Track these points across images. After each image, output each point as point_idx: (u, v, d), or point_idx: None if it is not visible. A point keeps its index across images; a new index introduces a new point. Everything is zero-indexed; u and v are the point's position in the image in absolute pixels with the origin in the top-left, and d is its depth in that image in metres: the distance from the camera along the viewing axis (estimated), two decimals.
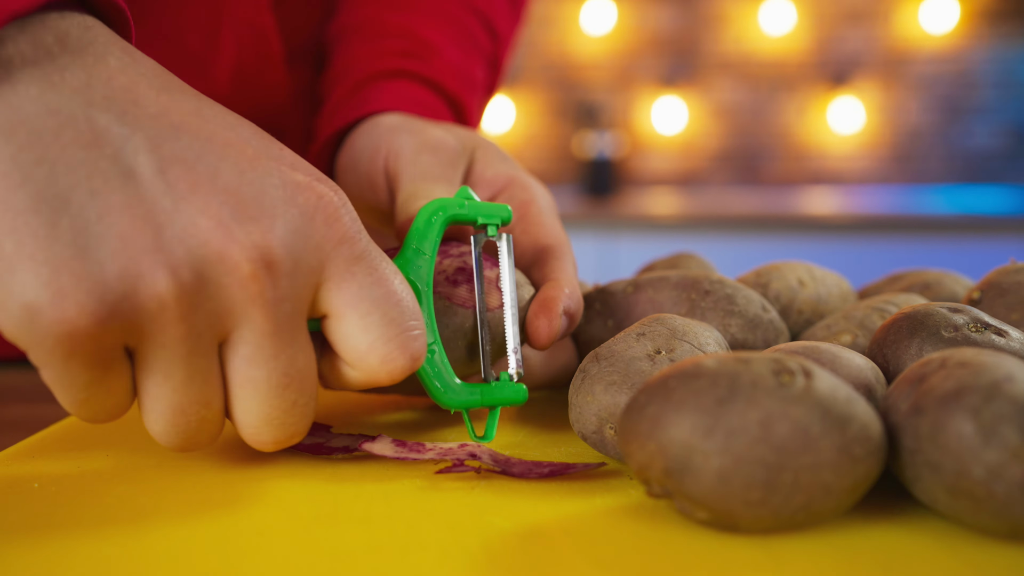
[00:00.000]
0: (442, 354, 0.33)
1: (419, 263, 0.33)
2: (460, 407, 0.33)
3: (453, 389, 0.33)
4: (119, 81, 0.27)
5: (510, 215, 0.36)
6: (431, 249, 0.34)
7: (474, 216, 0.35)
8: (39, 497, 0.29)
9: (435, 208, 0.34)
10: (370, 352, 0.29)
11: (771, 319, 0.38)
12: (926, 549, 0.25)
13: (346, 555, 0.25)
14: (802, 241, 1.98)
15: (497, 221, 0.35)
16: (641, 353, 0.32)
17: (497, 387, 0.34)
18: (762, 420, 0.25)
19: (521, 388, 0.34)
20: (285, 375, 0.28)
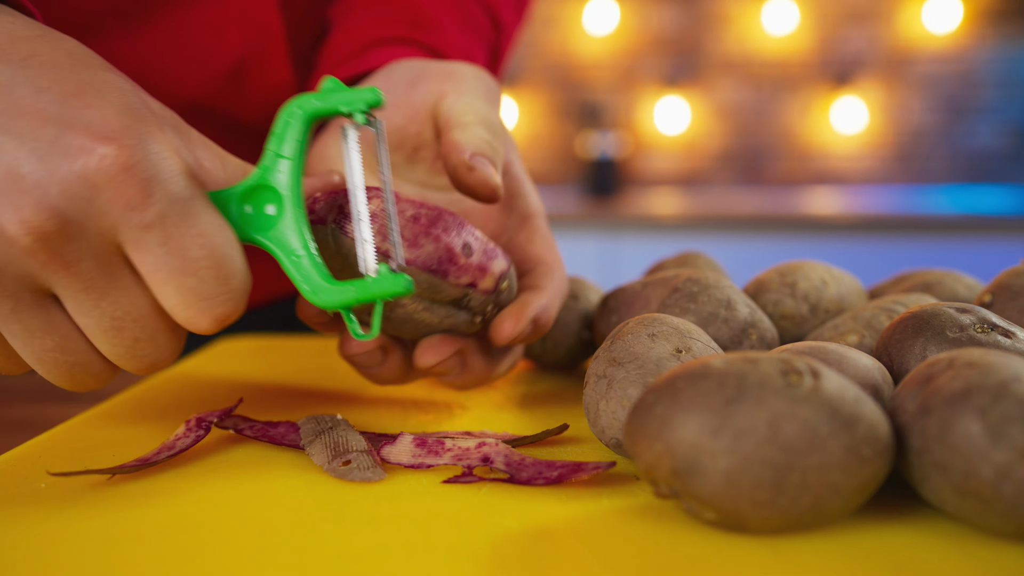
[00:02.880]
0: (310, 257, 0.32)
1: (279, 168, 0.32)
2: (337, 307, 0.32)
3: (325, 289, 0.32)
4: None
5: (377, 98, 0.33)
6: (294, 152, 0.32)
7: (334, 106, 0.33)
8: (45, 497, 0.29)
9: (292, 106, 0.33)
10: (174, 311, 0.30)
11: (728, 317, 0.38)
12: (934, 550, 0.25)
13: (353, 556, 0.25)
14: (805, 241, 1.98)
15: (362, 107, 0.32)
16: (665, 353, 0.32)
17: (375, 281, 0.31)
18: (770, 420, 0.24)
19: (401, 278, 0.31)
20: (113, 319, 0.30)
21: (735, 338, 0.38)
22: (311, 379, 0.47)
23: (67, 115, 0.28)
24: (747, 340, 0.38)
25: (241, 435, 0.35)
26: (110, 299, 0.29)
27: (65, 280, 0.29)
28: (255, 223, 0.32)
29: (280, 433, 0.35)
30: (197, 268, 0.29)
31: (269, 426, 0.35)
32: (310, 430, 0.34)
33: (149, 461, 0.32)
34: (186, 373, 0.48)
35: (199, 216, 0.30)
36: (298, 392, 0.44)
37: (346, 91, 0.33)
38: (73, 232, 0.28)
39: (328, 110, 0.33)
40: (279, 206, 0.32)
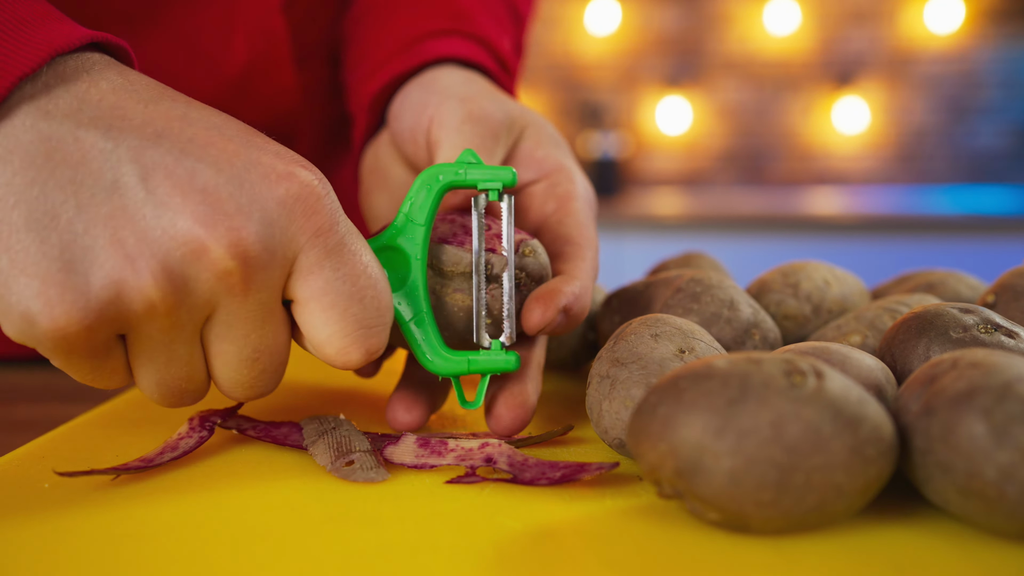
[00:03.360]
0: (430, 321, 0.33)
1: (411, 233, 0.34)
2: (447, 374, 0.33)
3: (440, 356, 0.33)
4: (108, 100, 0.29)
5: (513, 178, 0.34)
6: (425, 219, 0.34)
7: (473, 182, 0.34)
8: (49, 497, 0.30)
9: (430, 175, 0.34)
10: (328, 343, 0.31)
11: (731, 317, 0.38)
12: (938, 550, 0.25)
13: (356, 556, 0.25)
14: (806, 241, 1.98)
15: (498, 185, 0.34)
16: (668, 353, 0.32)
17: (486, 355, 0.34)
18: (773, 421, 0.24)
19: (512, 356, 0.34)
20: (255, 350, 0.30)
21: (738, 338, 0.38)
22: (313, 379, 0.47)
23: (254, 145, 0.30)
24: (750, 340, 0.38)
25: (244, 435, 0.35)
26: (263, 331, 0.30)
27: (235, 307, 0.29)
28: None
29: (283, 433, 0.35)
30: (364, 295, 0.31)
31: (272, 426, 0.35)
32: (313, 430, 0.34)
33: (153, 462, 0.32)
34: None
35: (365, 249, 0.31)
36: (301, 392, 0.44)
37: (484, 168, 0.34)
38: (264, 261, 0.29)
39: (465, 184, 0.34)
40: (408, 269, 0.34)
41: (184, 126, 0.29)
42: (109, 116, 0.28)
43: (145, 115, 0.29)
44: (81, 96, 0.28)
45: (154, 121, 0.29)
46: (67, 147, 0.27)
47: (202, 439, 0.34)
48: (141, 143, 0.28)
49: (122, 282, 0.27)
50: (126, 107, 0.29)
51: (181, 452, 0.33)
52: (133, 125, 0.28)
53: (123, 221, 0.27)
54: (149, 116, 0.29)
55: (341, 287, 0.30)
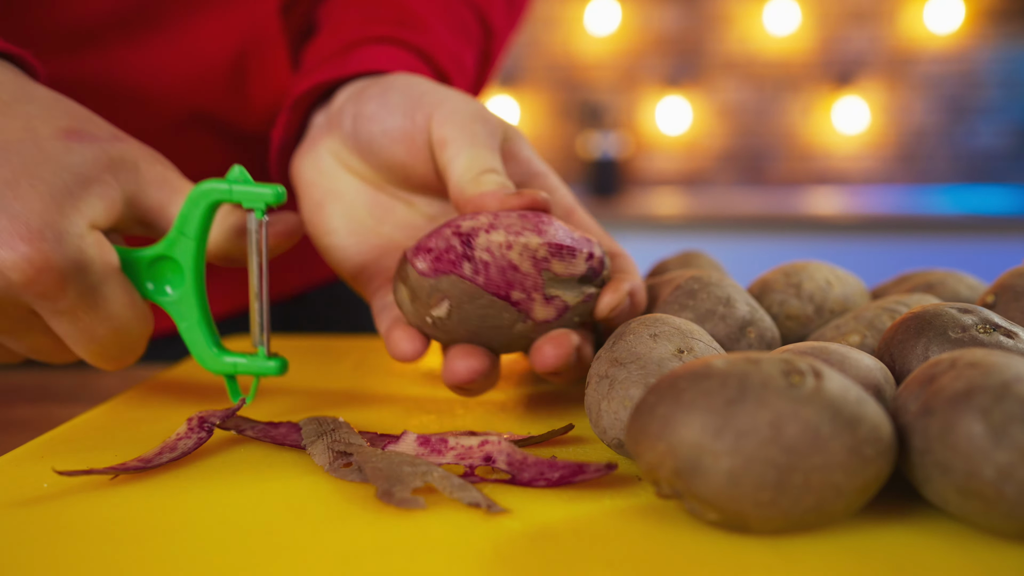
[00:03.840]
0: (200, 328, 0.38)
1: (184, 246, 0.37)
2: (220, 373, 0.38)
3: (212, 359, 0.38)
4: None
5: (277, 197, 0.37)
6: (195, 232, 0.37)
7: (238, 199, 0.37)
8: (47, 497, 0.30)
9: (199, 192, 0.37)
10: (85, 356, 0.37)
11: (725, 314, 0.38)
12: (937, 550, 0.25)
13: (355, 555, 0.25)
14: (806, 241, 1.98)
15: (261, 205, 0.37)
16: (667, 353, 0.32)
17: (253, 359, 0.38)
18: (772, 421, 0.24)
19: (272, 360, 0.38)
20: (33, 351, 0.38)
21: (732, 335, 0.37)
22: (312, 379, 0.47)
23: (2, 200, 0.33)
24: (745, 338, 0.38)
25: (243, 435, 0.35)
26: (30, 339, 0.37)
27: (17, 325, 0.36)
28: (157, 291, 0.38)
29: (282, 433, 0.35)
30: (102, 341, 0.36)
31: (271, 426, 0.35)
32: (312, 431, 0.34)
33: (151, 463, 0.32)
34: (188, 373, 0.48)
35: (107, 302, 0.35)
36: (299, 393, 0.44)
37: (251, 186, 0.37)
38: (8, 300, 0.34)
39: (233, 200, 0.37)
40: (180, 279, 0.38)
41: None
42: None
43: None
44: None
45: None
46: None
47: (200, 440, 0.34)
48: None
49: None
50: None
51: (180, 453, 0.33)
52: None
53: None
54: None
55: (78, 336, 0.35)
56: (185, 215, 0.37)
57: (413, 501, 0.28)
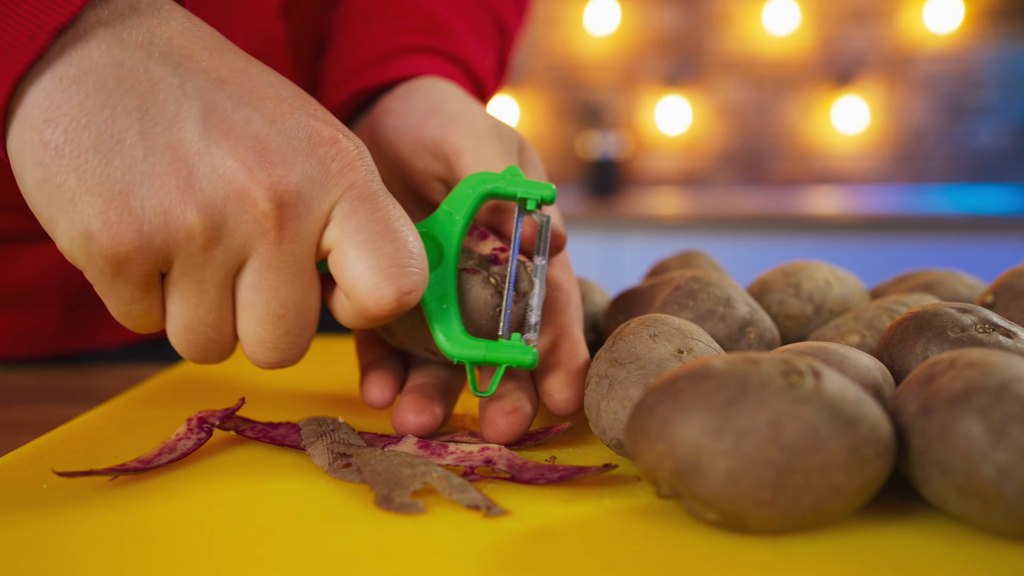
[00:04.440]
0: (454, 308, 0.34)
1: (448, 224, 0.35)
2: (462, 359, 0.34)
3: (456, 340, 0.34)
4: (177, 40, 0.30)
5: (553, 195, 0.36)
6: (464, 215, 0.35)
7: (514, 191, 0.36)
8: (47, 498, 0.30)
9: (477, 179, 0.36)
10: (360, 280, 0.31)
11: (724, 315, 0.38)
12: (936, 550, 0.25)
13: (355, 556, 0.25)
14: (806, 241, 1.98)
15: (538, 198, 0.36)
16: (667, 354, 0.32)
17: (504, 345, 0.34)
18: (771, 421, 0.24)
19: (529, 350, 0.34)
20: (282, 305, 0.31)
21: (732, 335, 0.37)
22: (312, 380, 0.47)
23: (304, 109, 0.31)
24: (744, 339, 0.38)
25: (242, 436, 0.35)
26: (292, 286, 0.31)
27: (267, 253, 0.30)
28: None
29: (281, 434, 0.35)
30: (395, 236, 0.31)
31: (270, 427, 0.35)
32: (311, 431, 0.34)
33: (151, 463, 0.32)
34: (187, 373, 0.48)
35: (400, 208, 0.33)
36: (299, 393, 0.44)
37: (525, 182, 0.36)
38: (301, 211, 0.30)
39: (506, 194, 0.36)
40: (440, 256, 0.35)
41: (245, 78, 0.31)
42: (178, 55, 0.30)
43: (210, 61, 0.30)
44: (153, 30, 0.30)
45: (218, 68, 0.30)
46: (138, 75, 0.29)
47: (200, 441, 0.34)
48: (206, 84, 0.30)
49: (169, 211, 0.28)
50: (193, 50, 0.30)
51: (179, 454, 0.33)
52: (200, 67, 0.30)
53: (180, 153, 0.29)
54: (214, 63, 0.30)
55: (374, 227, 0.31)
56: (455, 197, 0.36)
57: (412, 506, 0.28)
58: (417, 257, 0.32)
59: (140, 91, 0.29)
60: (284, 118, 0.30)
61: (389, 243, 0.31)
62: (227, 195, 0.29)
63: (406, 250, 0.32)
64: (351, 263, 0.31)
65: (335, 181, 0.31)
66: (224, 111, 0.29)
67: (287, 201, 0.30)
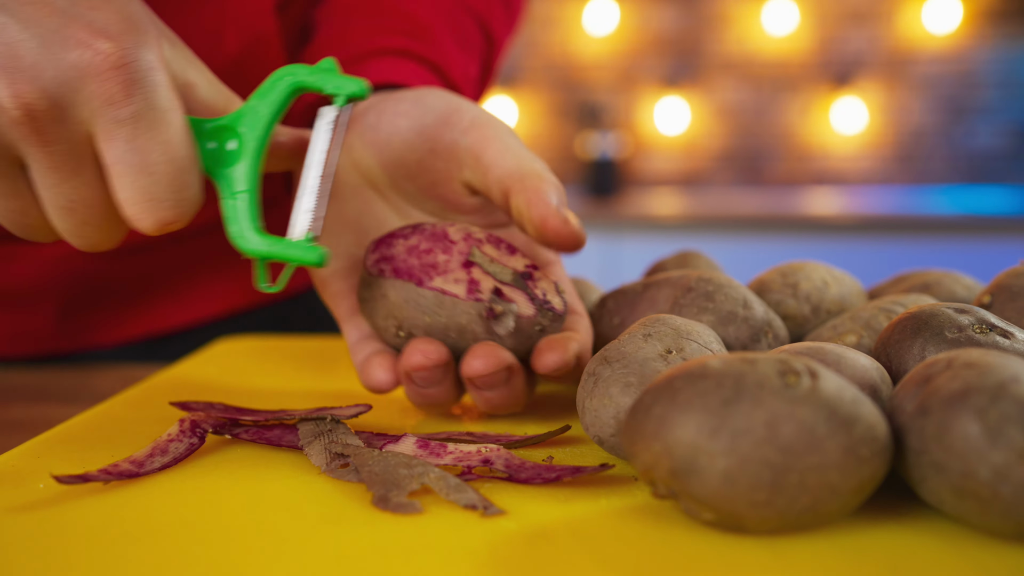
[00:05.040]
0: (251, 203, 0.34)
1: (252, 117, 0.35)
2: (252, 253, 0.34)
3: (251, 234, 0.34)
4: None
5: (364, 90, 0.35)
6: (270, 109, 0.35)
7: (322, 85, 0.35)
8: (44, 498, 0.29)
9: (284, 71, 0.35)
10: (123, 206, 0.33)
11: (747, 316, 0.38)
12: (932, 550, 0.25)
13: (352, 556, 0.25)
14: (805, 241, 1.98)
15: (346, 92, 0.35)
16: (653, 353, 0.32)
17: (294, 244, 0.34)
18: (768, 421, 0.24)
19: (318, 250, 0.34)
20: (69, 200, 0.32)
21: (755, 337, 0.37)
22: (309, 380, 0.47)
23: (73, 11, 0.31)
24: (764, 339, 0.38)
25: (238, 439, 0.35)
26: (71, 183, 0.32)
27: (38, 156, 0.31)
28: (214, 157, 0.35)
29: (276, 435, 0.35)
30: (154, 170, 0.32)
31: (265, 429, 0.35)
32: (309, 431, 0.34)
33: (144, 467, 0.32)
34: (184, 374, 0.48)
35: (169, 127, 0.32)
36: (298, 393, 0.44)
37: (337, 77, 0.35)
38: (57, 115, 0.30)
39: (315, 87, 0.35)
40: (240, 148, 0.35)
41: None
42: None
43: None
44: None
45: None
46: None
47: (192, 446, 0.34)
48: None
49: None
50: None
51: (171, 458, 0.33)
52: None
53: None
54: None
55: (131, 158, 0.32)
56: (263, 91, 0.35)
57: (409, 506, 0.28)
58: (179, 189, 0.33)
59: None
60: (42, 22, 0.30)
61: (146, 176, 0.32)
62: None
63: (165, 184, 0.32)
64: (116, 187, 0.32)
65: (89, 91, 0.31)
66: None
67: (35, 107, 0.30)
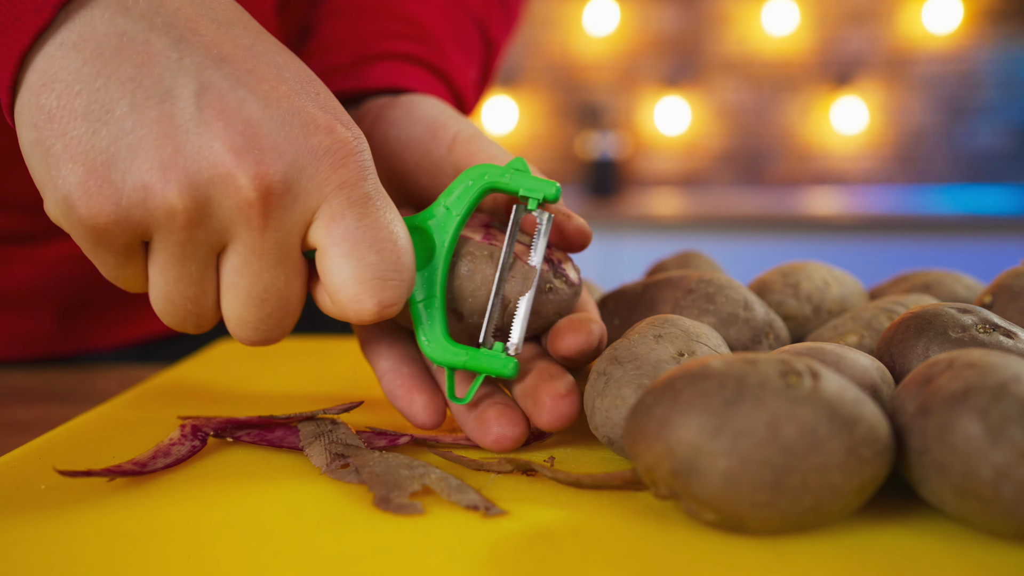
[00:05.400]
0: (440, 309, 0.34)
1: (445, 221, 0.34)
2: (442, 363, 0.33)
3: (439, 344, 0.33)
4: (185, 11, 0.30)
5: (556, 194, 0.34)
6: (461, 210, 0.34)
7: (516, 187, 0.34)
8: (46, 499, 0.30)
9: (477, 171, 0.34)
10: (343, 288, 0.31)
11: (748, 318, 0.38)
12: (934, 550, 0.25)
13: (353, 557, 0.25)
14: (805, 241, 1.98)
15: (540, 196, 0.34)
16: (666, 356, 0.32)
17: (485, 354, 0.33)
18: (769, 421, 0.24)
19: (510, 361, 0.33)
20: (265, 290, 0.31)
21: (756, 338, 0.37)
22: (310, 380, 0.47)
23: (305, 93, 0.31)
24: (766, 340, 0.38)
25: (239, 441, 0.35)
26: (276, 272, 0.31)
27: (250, 240, 0.30)
28: None
29: (278, 437, 0.35)
30: (382, 247, 0.31)
31: (266, 431, 0.35)
32: (310, 432, 0.34)
33: (146, 467, 0.32)
34: (185, 375, 0.48)
35: (391, 209, 0.32)
36: (298, 393, 0.44)
37: (531, 178, 0.34)
38: (287, 201, 0.30)
39: (508, 189, 0.34)
40: (433, 250, 0.34)
41: (248, 56, 0.30)
42: (182, 27, 0.29)
43: (215, 35, 0.30)
44: (159, 0, 0.29)
45: (221, 44, 0.30)
46: (136, 46, 0.28)
47: (194, 448, 0.34)
48: (204, 61, 0.29)
49: (150, 187, 0.28)
50: (199, 23, 0.30)
51: (174, 460, 0.33)
52: (202, 42, 0.29)
53: (168, 129, 0.28)
54: (218, 38, 0.30)
55: (361, 235, 0.31)
56: (454, 190, 0.34)
57: (411, 507, 0.28)
58: (402, 269, 0.31)
59: (137, 62, 0.28)
60: (280, 102, 0.30)
61: (375, 254, 0.31)
62: (212, 178, 0.28)
63: (391, 262, 0.31)
64: (335, 269, 0.31)
65: (326, 175, 0.30)
66: (219, 90, 0.29)
67: (273, 190, 0.29)
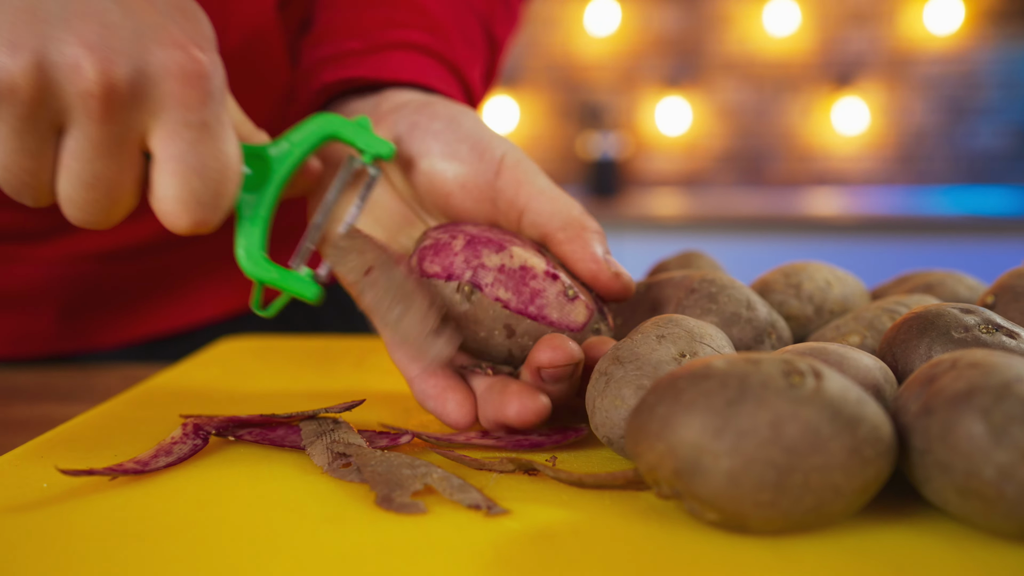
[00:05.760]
0: (262, 229, 0.37)
1: (285, 153, 0.38)
2: (255, 277, 0.37)
3: (255, 258, 0.37)
4: None
5: (390, 153, 0.38)
6: (302, 146, 0.38)
7: (355, 140, 0.38)
8: (48, 497, 0.29)
9: (326, 119, 0.38)
10: (163, 200, 0.34)
11: (750, 317, 0.37)
12: (937, 550, 0.25)
13: (355, 556, 0.25)
14: (806, 242, 1.98)
15: (374, 152, 0.38)
16: (667, 356, 0.32)
17: (295, 276, 0.37)
18: (772, 421, 0.24)
19: (314, 287, 0.37)
20: (95, 176, 0.33)
21: (758, 338, 0.37)
22: (311, 380, 0.47)
23: (171, 17, 0.33)
24: (768, 340, 0.38)
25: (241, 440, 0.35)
26: (105, 162, 0.33)
27: (90, 130, 0.32)
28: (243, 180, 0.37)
29: (280, 436, 0.35)
30: (207, 174, 0.33)
31: (268, 430, 0.35)
32: (311, 431, 0.34)
33: (148, 466, 0.32)
34: (186, 374, 0.48)
35: (228, 141, 0.34)
36: (298, 393, 0.44)
37: (371, 136, 0.38)
38: (128, 101, 0.32)
39: (347, 140, 0.38)
40: (266, 178, 0.37)
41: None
42: None
43: None
44: None
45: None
46: None
47: (196, 447, 0.34)
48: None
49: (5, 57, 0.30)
50: None
51: (176, 458, 0.33)
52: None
53: (28, 17, 0.31)
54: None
55: (190, 160, 0.33)
56: (299, 128, 0.38)
57: (413, 506, 0.28)
58: (221, 197, 0.34)
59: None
60: (141, 15, 0.32)
61: (199, 179, 0.33)
62: (59, 64, 0.31)
63: (213, 190, 0.34)
64: (161, 183, 0.33)
65: (171, 88, 0.32)
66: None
67: (116, 87, 0.31)
